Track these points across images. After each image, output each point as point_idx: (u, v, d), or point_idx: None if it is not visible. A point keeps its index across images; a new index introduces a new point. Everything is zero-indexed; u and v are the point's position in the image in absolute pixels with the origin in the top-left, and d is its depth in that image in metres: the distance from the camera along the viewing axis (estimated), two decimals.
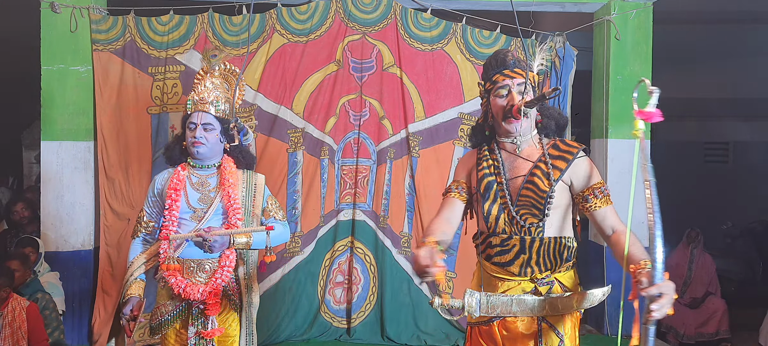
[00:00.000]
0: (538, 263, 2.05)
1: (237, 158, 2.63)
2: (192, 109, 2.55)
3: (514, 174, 2.09)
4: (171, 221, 2.48)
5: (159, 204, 2.59)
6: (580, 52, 5.00)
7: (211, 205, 2.51)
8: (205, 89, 2.57)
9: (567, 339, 2.05)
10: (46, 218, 4.49)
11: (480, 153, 2.20)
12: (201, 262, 2.49)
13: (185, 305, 2.52)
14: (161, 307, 2.54)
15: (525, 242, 2.04)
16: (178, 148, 2.61)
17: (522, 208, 2.06)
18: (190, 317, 2.50)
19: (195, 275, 2.49)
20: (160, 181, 2.61)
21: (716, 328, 5.08)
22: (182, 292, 2.44)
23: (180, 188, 2.52)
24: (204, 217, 2.49)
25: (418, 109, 4.75)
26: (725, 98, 7.89)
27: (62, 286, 4.30)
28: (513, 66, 2.11)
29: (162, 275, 2.51)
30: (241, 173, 2.63)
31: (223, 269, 2.47)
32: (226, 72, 2.68)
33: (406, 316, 4.66)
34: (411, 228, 4.77)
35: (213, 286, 2.45)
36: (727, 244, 7.28)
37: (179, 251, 2.48)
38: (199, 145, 2.51)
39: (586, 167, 2.07)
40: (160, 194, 2.58)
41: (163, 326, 2.53)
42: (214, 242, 2.40)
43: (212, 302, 2.46)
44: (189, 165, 2.59)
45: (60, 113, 4.47)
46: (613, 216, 2.03)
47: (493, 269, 2.12)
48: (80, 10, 4.43)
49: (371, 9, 4.71)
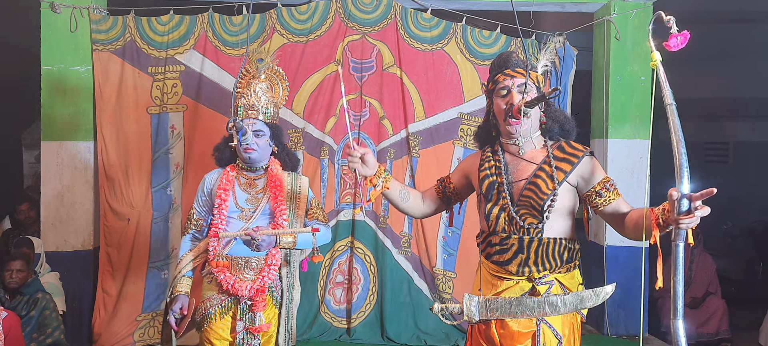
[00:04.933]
0: (536, 263, 2.05)
1: (283, 161, 2.76)
2: (243, 115, 2.65)
3: (517, 177, 2.10)
4: (220, 220, 2.59)
5: (209, 203, 2.70)
6: (580, 52, 5.01)
7: (259, 205, 2.63)
8: (254, 96, 2.67)
9: (566, 341, 2.05)
10: (46, 218, 4.48)
11: (483, 154, 2.23)
12: (248, 259, 2.59)
13: (232, 300, 2.59)
14: (206, 301, 2.62)
15: (523, 242, 2.05)
16: (228, 150, 2.71)
17: (522, 208, 2.07)
18: (238, 312, 2.58)
19: (242, 272, 2.59)
20: (209, 181, 2.72)
21: (716, 328, 5.08)
22: (231, 288, 2.54)
23: (229, 189, 2.63)
24: (251, 217, 2.61)
25: (418, 109, 4.75)
26: (725, 98, 7.89)
27: (62, 286, 4.30)
28: (514, 66, 2.11)
29: (210, 270, 2.60)
30: (286, 175, 2.74)
31: (269, 267, 2.58)
32: (270, 73, 2.81)
33: (406, 316, 4.66)
34: (411, 228, 4.77)
35: (260, 283, 2.56)
36: (727, 244, 7.28)
37: (228, 248, 2.58)
38: (251, 151, 2.62)
39: (592, 166, 2.08)
40: (210, 193, 2.69)
41: (210, 319, 2.59)
42: (261, 241, 2.49)
43: (259, 299, 2.56)
44: (238, 167, 2.71)
45: (60, 113, 4.47)
46: (624, 204, 2.05)
47: (492, 267, 2.14)
48: (80, 10, 4.43)
49: (371, 9, 4.71)
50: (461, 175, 2.33)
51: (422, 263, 4.76)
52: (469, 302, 2.07)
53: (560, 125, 2.16)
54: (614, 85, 4.84)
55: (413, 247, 4.77)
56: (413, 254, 4.76)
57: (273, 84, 2.83)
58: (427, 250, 4.73)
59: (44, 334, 3.72)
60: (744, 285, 6.55)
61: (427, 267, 4.74)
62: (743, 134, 8.47)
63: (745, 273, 6.78)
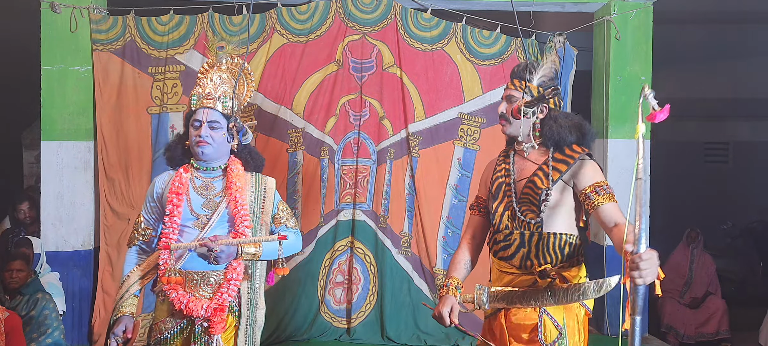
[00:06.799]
0: (538, 257, 2.20)
1: (245, 160, 2.40)
2: (197, 105, 2.31)
3: (521, 176, 2.29)
4: (172, 229, 2.24)
5: (158, 209, 2.35)
6: (580, 52, 5.00)
7: (216, 211, 2.28)
8: (212, 83, 2.33)
9: (568, 333, 2.16)
10: (46, 218, 4.48)
11: (498, 159, 2.42)
12: (205, 274, 2.25)
13: (187, 322, 2.27)
14: (160, 324, 2.29)
15: (524, 236, 2.23)
16: (180, 148, 2.37)
17: (523, 204, 2.25)
18: (192, 336, 2.25)
19: (198, 289, 2.25)
20: (160, 183, 2.36)
21: (716, 328, 5.08)
22: (184, 308, 2.20)
23: (182, 192, 2.27)
24: (208, 224, 2.26)
25: (418, 109, 4.75)
26: (725, 98, 7.89)
27: (62, 286, 4.30)
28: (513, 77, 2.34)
29: (161, 288, 2.26)
30: (249, 175, 2.39)
31: (229, 282, 2.24)
32: (233, 66, 2.46)
33: (406, 316, 4.66)
34: (411, 228, 4.77)
35: (218, 302, 2.22)
36: (727, 244, 7.28)
37: (181, 262, 2.25)
38: (204, 144, 2.26)
39: (587, 168, 2.21)
40: (160, 198, 2.33)
41: (162, 344, 2.28)
42: (220, 253, 2.16)
43: (217, 320, 2.22)
44: (192, 167, 2.34)
45: (60, 113, 4.47)
46: (615, 211, 2.12)
47: (499, 263, 2.32)
48: (80, 10, 4.43)
49: (371, 9, 4.70)
50: (484, 186, 2.47)
51: (422, 263, 4.76)
52: (480, 292, 2.23)
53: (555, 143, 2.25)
54: (614, 85, 4.84)
55: (413, 247, 4.77)
56: (413, 254, 4.76)
57: (235, 76, 2.45)
58: (427, 250, 4.73)
59: (44, 334, 3.72)
60: (744, 285, 6.55)
61: (427, 267, 4.74)
62: (743, 134, 8.46)
63: (745, 273, 6.79)
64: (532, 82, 2.29)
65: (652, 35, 4.85)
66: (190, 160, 2.37)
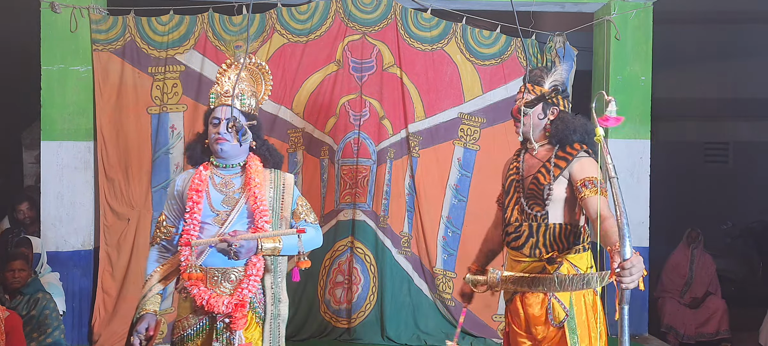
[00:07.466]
0: (546, 245, 2.41)
1: (264, 157, 2.43)
2: (215, 103, 2.34)
3: (528, 173, 2.50)
4: (192, 226, 2.26)
5: (179, 207, 2.37)
6: (580, 52, 5.00)
7: (236, 207, 2.30)
8: (230, 82, 2.36)
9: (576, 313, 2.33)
10: (46, 218, 4.48)
11: (512, 157, 2.63)
12: (226, 270, 2.27)
13: (208, 319, 2.29)
14: (183, 321, 2.32)
15: (532, 228, 2.44)
16: (199, 146, 2.40)
17: (530, 198, 2.46)
18: (214, 332, 2.26)
19: (219, 285, 2.26)
20: (180, 182, 2.39)
21: (716, 328, 5.08)
22: (205, 304, 2.22)
23: (202, 189, 2.30)
24: (228, 220, 2.28)
25: (418, 109, 4.76)
26: (725, 98, 7.90)
27: (62, 286, 4.30)
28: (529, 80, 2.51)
29: (183, 285, 2.29)
30: (268, 172, 2.42)
31: (249, 278, 2.25)
32: (251, 66, 2.49)
33: (406, 316, 4.66)
34: (411, 228, 4.77)
35: (239, 297, 2.22)
36: (727, 244, 7.29)
37: (202, 258, 2.26)
38: (223, 142, 2.29)
39: (582, 163, 2.37)
40: (181, 196, 2.36)
41: (185, 341, 2.30)
42: (239, 248, 2.17)
43: (238, 316, 2.22)
44: (212, 165, 2.38)
45: (60, 113, 4.47)
46: (600, 205, 2.21)
47: (511, 253, 2.54)
48: (80, 10, 4.43)
49: (371, 9, 4.71)
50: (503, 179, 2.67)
51: (422, 263, 4.76)
52: (493, 275, 2.39)
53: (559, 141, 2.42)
54: (614, 85, 4.84)
55: (413, 247, 4.77)
56: (413, 254, 4.76)
57: (254, 76, 2.49)
58: (427, 250, 4.73)
59: (44, 334, 3.72)
60: (744, 285, 6.55)
61: (427, 267, 4.74)
62: (743, 134, 8.47)
63: (745, 273, 6.79)
64: (544, 85, 2.48)
65: (652, 35, 4.85)
66: (209, 159, 2.40)
